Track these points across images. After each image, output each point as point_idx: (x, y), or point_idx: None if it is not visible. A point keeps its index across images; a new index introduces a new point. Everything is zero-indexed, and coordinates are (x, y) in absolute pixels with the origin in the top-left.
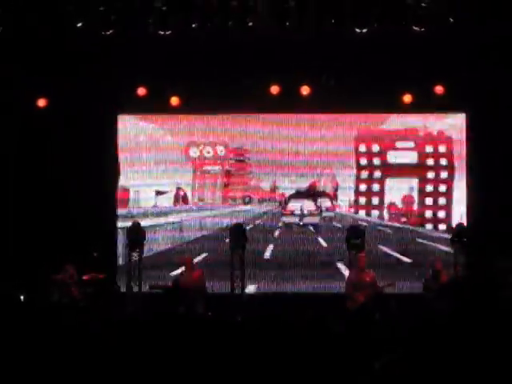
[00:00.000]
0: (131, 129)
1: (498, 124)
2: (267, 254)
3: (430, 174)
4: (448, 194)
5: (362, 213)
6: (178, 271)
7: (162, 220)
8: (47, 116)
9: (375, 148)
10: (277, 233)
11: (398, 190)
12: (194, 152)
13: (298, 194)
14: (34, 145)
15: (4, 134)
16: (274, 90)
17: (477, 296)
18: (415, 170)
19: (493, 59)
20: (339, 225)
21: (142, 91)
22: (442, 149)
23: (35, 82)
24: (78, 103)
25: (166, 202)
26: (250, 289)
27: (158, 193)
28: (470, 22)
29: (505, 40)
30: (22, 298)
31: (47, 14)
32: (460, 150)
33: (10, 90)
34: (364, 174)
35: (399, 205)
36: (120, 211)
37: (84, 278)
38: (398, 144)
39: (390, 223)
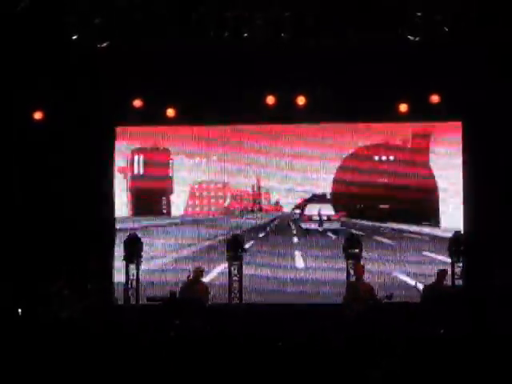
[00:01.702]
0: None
1: (493, 132)
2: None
3: None
4: None
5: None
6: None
7: None
8: (43, 129)
9: None
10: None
11: None
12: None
13: (315, 199)
14: (31, 157)
15: (0, 147)
16: (270, 100)
17: (475, 305)
18: None
19: (488, 67)
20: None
21: (138, 103)
22: None
23: (31, 94)
24: (75, 115)
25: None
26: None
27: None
28: (465, 31)
29: (500, 48)
30: (19, 311)
31: (43, 26)
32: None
33: (6, 103)
34: None
35: None
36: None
37: (81, 289)
38: None
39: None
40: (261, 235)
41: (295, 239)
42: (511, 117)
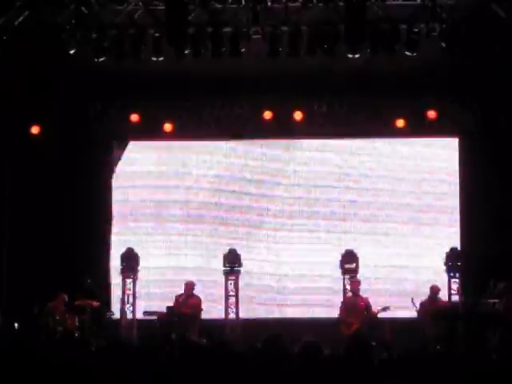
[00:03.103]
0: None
1: (491, 148)
2: None
3: None
4: None
5: None
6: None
7: None
8: (40, 143)
9: None
10: None
11: None
12: None
13: None
14: (28, 172)
15: None
16: (267, 115)
17: (470, 322)
18: None
19: (485, 83)
20: None
21: (135, 118)
22: None
23: (28, 109)
24: (71, 129)
25: None
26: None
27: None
28: (462, 47)
29: (497, 65)
30: (16, 326)
31: (41, 41)
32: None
33: (3, 117)
34: None
35: None
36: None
37: (77, 304)
38: None
39: None
40: None
41: None
42: (508, 133)
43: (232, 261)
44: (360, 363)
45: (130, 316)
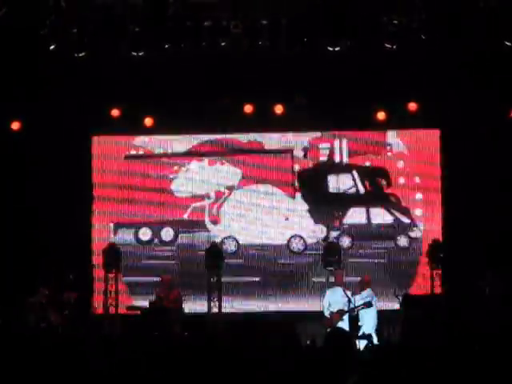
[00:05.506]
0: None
1: (471, 140)
2: None
3: None
4: None
5: None
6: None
7: None
8: (21, 139)
9: None
10: None
11: None
12: None
13: None
14: (8, 167)
15: None
16: (248, 109)
17: (452, 312)
18: None
19: (466, 75)
20: None
21: (115, 112)
22: None
23: (9, 105)
24: (52, 125)
25: None
26: None
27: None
28: (442, 39)
29: (477, 56)
30: None
31: (21, 36)
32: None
33: None
34: None
35: None
36: None
37: (60, 299)
38: None
39: None
40: None
41: None
42: (489, 124)
43: (214, 255)
44: (340, 356)
45: (112, 310)
